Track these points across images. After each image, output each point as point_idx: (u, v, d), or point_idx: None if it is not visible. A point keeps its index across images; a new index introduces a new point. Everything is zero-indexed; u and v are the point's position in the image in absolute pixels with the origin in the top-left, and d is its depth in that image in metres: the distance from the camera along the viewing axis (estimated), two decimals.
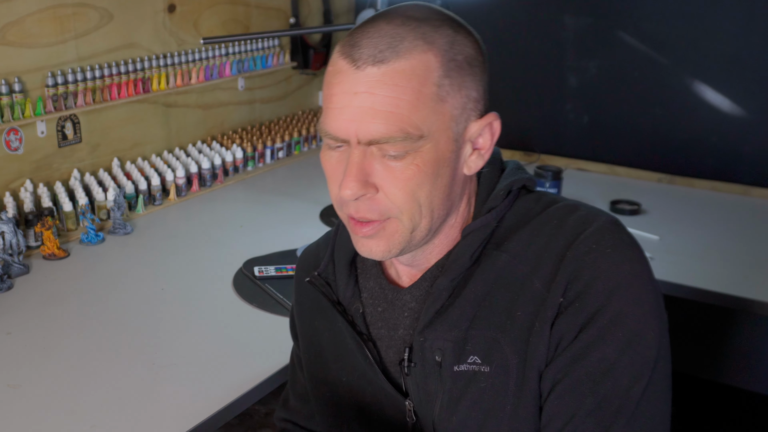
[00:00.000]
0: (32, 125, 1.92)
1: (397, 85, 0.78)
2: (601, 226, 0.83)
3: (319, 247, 1.06)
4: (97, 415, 1.22)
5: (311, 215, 2.11)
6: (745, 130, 2.33)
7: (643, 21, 2.41)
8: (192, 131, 2.43)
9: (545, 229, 0.85)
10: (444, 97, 0.81)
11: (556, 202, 0.89)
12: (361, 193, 0.81)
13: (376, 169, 0.81)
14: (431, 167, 0.81)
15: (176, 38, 2.30)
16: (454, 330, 0.86)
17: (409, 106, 0.79)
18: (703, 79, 2.35)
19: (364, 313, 0.95)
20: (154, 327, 1.51)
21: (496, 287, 0.85)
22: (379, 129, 0.79)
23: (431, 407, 0.88)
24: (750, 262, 1.84)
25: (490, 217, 0.87)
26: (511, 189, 0.89)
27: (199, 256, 1.84)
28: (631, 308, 0.80)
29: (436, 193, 0.83)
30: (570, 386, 0.80)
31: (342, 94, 0.80)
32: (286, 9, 2.71)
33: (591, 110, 2.55)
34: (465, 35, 0.84)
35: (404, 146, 0.79)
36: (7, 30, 1.83)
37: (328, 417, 1.02)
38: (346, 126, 0.80)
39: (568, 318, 0.80)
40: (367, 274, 0.97)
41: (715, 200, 2.29)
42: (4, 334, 1.46)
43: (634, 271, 0.81)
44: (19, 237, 1.71)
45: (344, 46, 0.82)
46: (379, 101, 0.78)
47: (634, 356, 0.79)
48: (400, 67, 0.78)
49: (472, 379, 0.85)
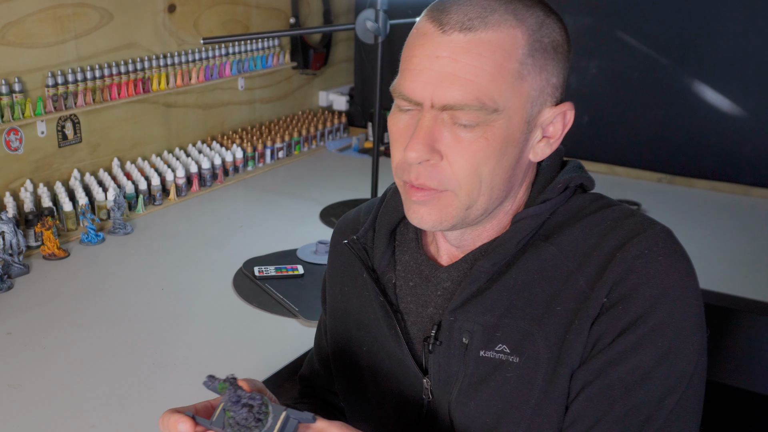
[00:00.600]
0: (32, 125, 1.92)
1: (480, 55, 0.78)
2: (656, 233, 0.82)
3: (359, 213, 1.05)
4: (97, 415, 1.22)
5: (311, 215, 2.11)
6: (745, 130, 2.33)
7: (643, 21, 2.41)
8: (192, 131, 2.43)
9: (597, 229, 0.84)
10: (525, 75, 0.80)
11: (611, 205, 0.87)
12: (426, 158, 0.80)
13: (445, 136, 0.80)
14: (500, 143, 0.80)
15: (176, 38, 2.30)
16: (487, 314, 0.84)
17: (489, 77, 0.78)
18: (703, 79, 2.36)
19: (396, 285, 0.94)
20: (154, 327, 1.51)
21: (538, 278, 0.83)
22: (455, 95, 0.78)
23: (449, 389, 0.88)
24: (750, 262, 1.85)
25: (543, 208, 0.86)
26: (569, 185, 0.88)
27: (199, 256, 1.84)
28: (675, 320, 0.78)
29: (499, 172, 0.82)
30: (601, 390, 0.79)
31: (423, 56, 0.80)
32: (286, 9, 2.71)
33: (591, 110, 2.55)
34: (555, 20, 0.83)
35: (477, 116, 0.79)
36: (7, 30, 1.83)
37: (346, 383, 1.02)
38: (422, 88, 0.80)
39: (609, 319, 0.79)
40: (404, 247, 0.95)
41: (715, 200, 2.29)
42: (4, 334, 1.46)
43: (683, 283, 0.79)
44: (19, 237, 1.71)
45: (433, 10, 0.82)
46: (460, 68, 0.78)
47: (671, 368, 0.78)
48: (487, 38, 0.78)
49: (498, 368, 0.84)
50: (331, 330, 1.04)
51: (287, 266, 1.73)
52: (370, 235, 0.97)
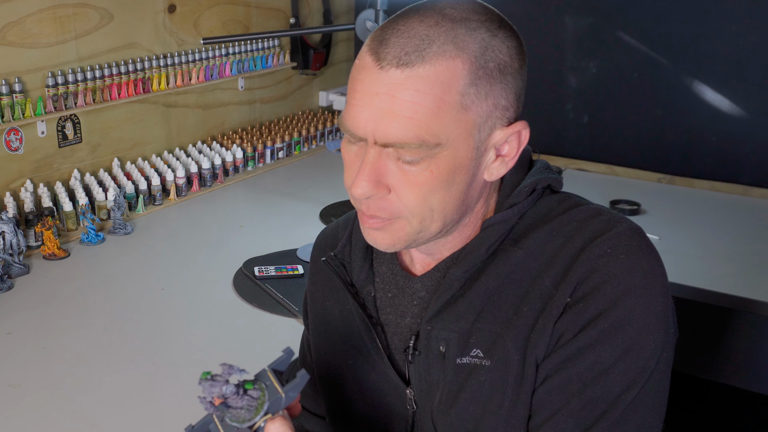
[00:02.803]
0: (32, 125, 1.92)
1: (418, 91, 0.76)
2: (621, 232, 0.82)
3: (338, 227, 1.06)
4: (97, 415, 1.22)
5: (311, 215, 2.11)
6: (745, 130, 2.33)
7: (643, 21, 2.41)
8: (192, 131, 2.43)
9: (564, 230, 0.84)
10: (468, 105, 0.78)
11: (579, 205, 0.88)
12: (372, 193, 0.80)
13: (391, 170, 0.80)
14: (446, 174, 0.79)
15: (176, 38, 2.30)
16: (461, 321, 0.85)
17: (428, 113, 0.76)
18: (703, 79, 2.35)
19: (375, 298, 0.95)
20: (154, 327, 1.51)
21: (507, 282, 0.84)
22: (395, 133, 0.77)
23: (431, 397, 0.89)
24: (750, 262, 1.84)
25: (511, 213, 0.86)
26: (536, 187, 0.87)
27: (199, 256, 1.84)
28: (636, 317, 0.78)
29: (450, 199, 0.82)
30: (560, 383, 0.80)
31: (363, 92, 0.79)
32: (286, 9, 2.71)
33: (591, 110, 2.55)
34: (503, 39, 0.80)
35: (419, 153, 0.78)
36: (8, 30, 1.83)
37: (332, 398, 1.02)
38: (364, 125, 0.79)
39: (571, 317, 0.80)
40: (381, 259, 0.96)
41: (714, 200, 2.29)
42: (4, 334, 1.46)
43: (645, 281, 0.80)
44: (20, 237, 1.71)
45: (373, 40, 0.81)
46: (398, 105, 0.76)
47: (630, 365, 0.78)
48: (425, 73, 0.76)
49: (473, 372, 0.85)
50: (315, 345, 1.04)
51: (287, 266, 1.73)
52: (348, 250, 0.97)
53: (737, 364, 2.44)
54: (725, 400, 2.27)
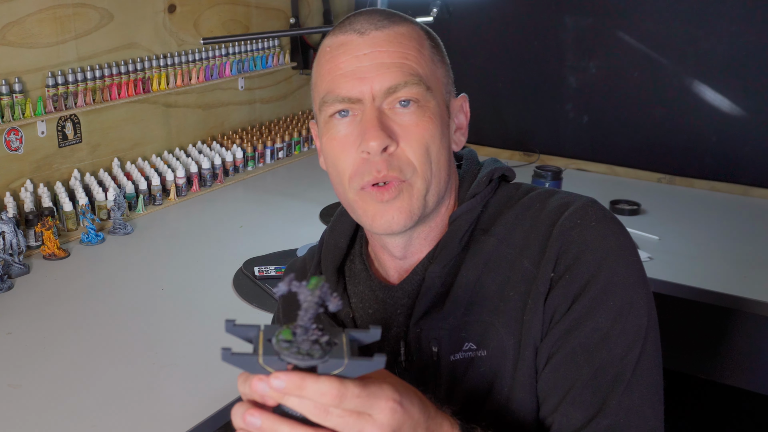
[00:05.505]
0: (32, 125, 1.92)
1: (401, 43, 0.86)
2: (584, 204, 0.87)
3: (305, 260, 1.07)
4: (97, 415, 1.22)
5: (311, 215, 2.11)
6: (745, 130, 2.33)
7: (643, 21, 2.41)
8: (192, 131, 2.43)
9: (529, 213, 0.88)
10: (436, 62, 0.89)
11: (534, 188, 0.94)
12: (387, 143, 0.83)
13: (392, 121, 0.85)
14: (438, 121, 0.86)
15: (176, 38, 2.30)
16: (450, 318, 0.86)
17: (414, 59, 0.86)
18: (703, 79, 2.35)
19: (354, 318, 0.95)
20: (154, 327, 1.51)
21: (486, 271, 0.87)
22: (394, 76, 0.84)
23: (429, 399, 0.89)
24: (750, 262, 1.84)
25: (474, 202, 0.90)
26: (493, 177, 0.92)
27: (199, 256, 1.84)
28: (621, 278, 0.82)
29: (443, 152, 0.87)
30: (566, 358, 0.81)
31: (351, 58, 0.85)
32: (286, 9, 2.71)
33: (591, 110, 2.55)
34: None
35: (418, 91, 0.85)
36: (8, 30, 1.83)
37: None
38: (360, 83, 0.84)
39: (560, 291, 0.82)
40: (356, 279, 0.97)
41: (714, 200, 2.29)
42: (4, 334, 1.46)
43: (619, 243, 0.84)
44: (20, 237, 1.71)
45: (340, 27, 0.89)
46: (389, 55, 0.85)
47: (626, 325, 0.81)
48: (400, 30, 0.87)
49: (470, 366, 0.86)
50: None
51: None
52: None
53: (737, 364, 2.45)
54: (724, 400, 2.26)
